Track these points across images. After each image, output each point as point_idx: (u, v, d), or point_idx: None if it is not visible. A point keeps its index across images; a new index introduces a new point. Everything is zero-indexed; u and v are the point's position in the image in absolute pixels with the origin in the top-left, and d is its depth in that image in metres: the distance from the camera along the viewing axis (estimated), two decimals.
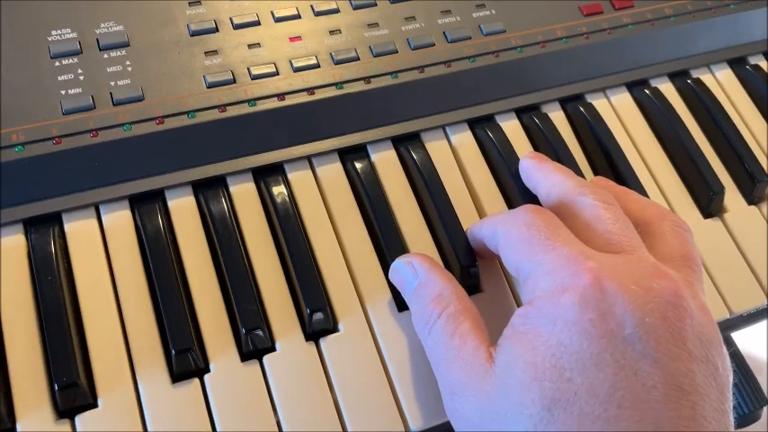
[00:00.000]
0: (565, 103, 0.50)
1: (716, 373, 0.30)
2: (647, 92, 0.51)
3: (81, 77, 0.42)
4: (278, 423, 0.36)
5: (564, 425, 0.28)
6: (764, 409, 0.48)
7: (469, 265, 0.41)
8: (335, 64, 0.46)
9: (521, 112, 0.49)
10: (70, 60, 0.43)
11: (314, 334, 0.39)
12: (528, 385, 0.30)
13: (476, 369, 0.32)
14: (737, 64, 0.55)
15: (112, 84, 0.43)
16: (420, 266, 0.38)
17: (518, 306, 0.41)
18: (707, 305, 0.33)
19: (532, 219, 0.35)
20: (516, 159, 0.46)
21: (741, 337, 0.47)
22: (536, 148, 0.48)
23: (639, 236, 0.36)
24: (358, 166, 0.44)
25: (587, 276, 0.31)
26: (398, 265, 0.39)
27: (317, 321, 0.39)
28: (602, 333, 0.29)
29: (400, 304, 0.40)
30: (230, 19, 0.46)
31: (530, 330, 0.31)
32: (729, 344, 0.52)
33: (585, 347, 0.29)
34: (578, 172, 0.46)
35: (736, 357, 0.51)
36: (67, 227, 0.40)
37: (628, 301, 0.30)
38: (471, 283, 0.42)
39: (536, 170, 0.42)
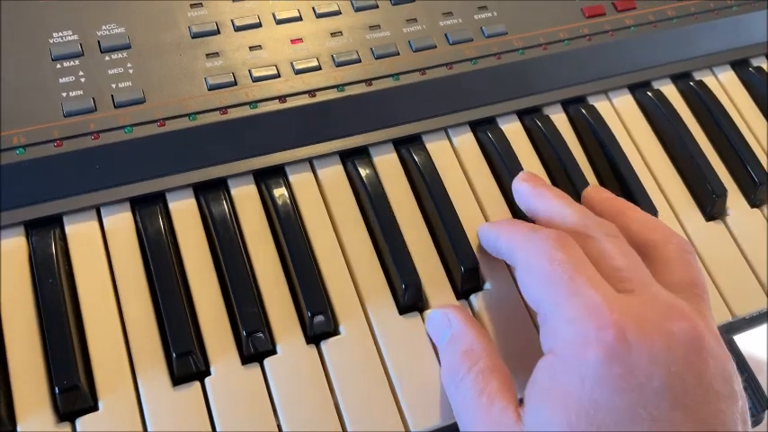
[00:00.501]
0: (567, 105, 0.50)
1: (737, 405, 0.31)
2: (649, 94, 0.51)
3: (82, 80, 0.42)
4: (279, 426, 0.36)
5: None
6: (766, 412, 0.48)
7: (471, 267, 0.41)
8: (337, 66, 0.46)
9: (522, 115, 0.49)
10: (71, 63, 0.43)
11: (315, 337, 0.39)
12: None
13: (503, 430, 0.32)
14: (740, 66, 0.55)
15: (113, 86, 0.43)
16: (454, 318, 0.38)
17: (523, 301, 0.41)
18: (718, 333, 0.33)
19: (555, 253, 0.34)
20: (517, 162, 0.46)
21: (741, 337, 0.47)
22: (538, 151, 0.47)
23: (644, 260, 0.36)
24: (359, 168, 0.44)
25: (612, 332, 0.30)
26: (434, 315, 0.39)
27: (318, 324, 0.39)
28: (632, 387, 0.29)
29: (401, 307, 0.40)
30: (231, 21, 0.46)
31: (558, 387, 0.31)
32: (733, 350, 0.51)
33: (618, 403, 0.29)
34: (580, 175, 0.46)
35: (740, 363, 0.51)
36: (68, 229, 0.40)
37: (652, 353, 0.30)
38: (474, 284, 0.42)
39: (533, 197, 0.41)
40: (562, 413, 0.30)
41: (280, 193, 0.42)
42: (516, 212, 0.44)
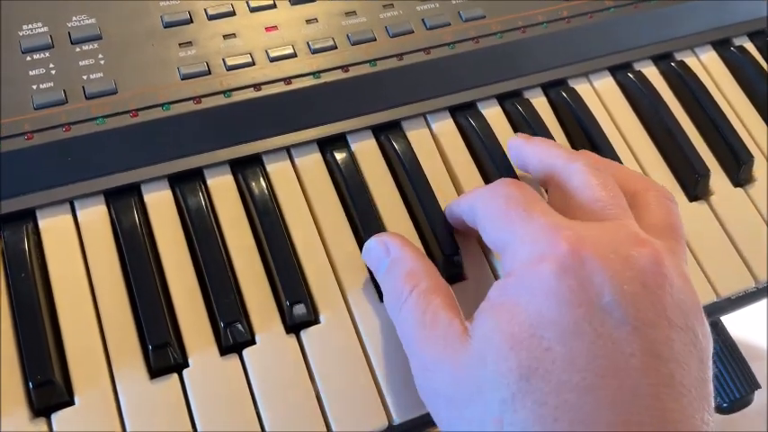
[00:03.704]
0: (547, 88, 0.50)
1: (695, 342, 0.30)
2: (630, 75, 0.50)
3: (53, 72, 0.42)
4: (259, 417, 0.36)
5: (542, 393, 0.28)
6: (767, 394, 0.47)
7: (452, 253, 0.41)
8: (312, 53, 0.46)
9: (503, 99, 0.48)
10: (41, 55, 0.42)
11: (294, 326, 0.38)
12: (505, 355, 0.29)
13: (450, 342, 0.32)
14: (722, 46, 0.54)
15: (85, 77, 0.42)
16: (392, 244, 0.37)
17: None
18: (688, 275, 0.33)
19: (509, 191, 0.35)
20: (498, 146, 0.45)
21: (740, 325, 0.47)
22: None
23: None
24: (337, 156, 0.44)
25: (565, 245, 0.30)
26: (371, 244, 0.39)
27: (298, 313, 0.38)
28: (581, 301, 0.29)
29: (382, 295, 0.40)
30: (205, 10, 0.46)
31: (507, 301, 0.31)
32: (720, 331, 0.51)
33: (563, 316, 0.29)
34: None
35: (727, 342, 0.51)
36: (42, 223, 0.39)
37: (606, 269, 0.30)
38: (455, 272, 0.41)
39: (526, 145, 0.41)
40: (506, 324, 0.30)
41: (257, 182, 0.42)
42: None
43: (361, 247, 0.41)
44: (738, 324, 0.53)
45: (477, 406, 0.30)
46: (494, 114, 0.47)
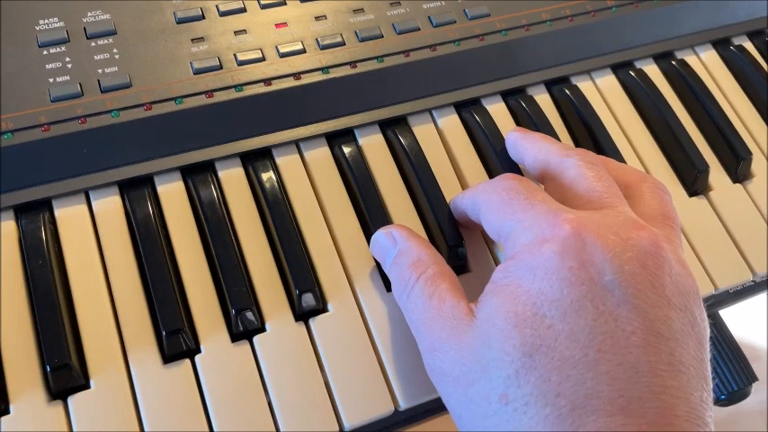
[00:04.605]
0: (550, 85, 0.51)
1: (694, 323, 0.31)
2: (632, 73, 0.51)
3: (69, 65, 0.43)
4: (269, 403, 0.37)
5: (545, 369, 0.29)
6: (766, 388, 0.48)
7: (457, 244, 0.42)
8: (321, 49, 0.47)
9: (506, 95, 0.49)
10: (58, 49, 0.43)
11: (303, 315, 0.39)
12: (509, 333, 0.30)
13: (456, 323, 0.33)
14: (722, 45, 0.55)
15: (100, 71, 0.43)
16: (399, 235, 0.38)
17: None
18: (686, 261, 0.34)
19: (510, 184, 0.36)
20: (502, 142, 0.46)
21: (740, 324, 0.48)
22: None
23: None
24: (345, 150, 0.45)
25: (566, 227, 0.31)
26: (378, 236, 0.40)
27: (307, 302, 0.39)
28: (582, 280, 0.30)
29: (388, 284, 0.41)
30: (216, 6, 0.47)
31: (511, 282, 0.32)
32: (718, 324, 0.52)
33: (566, 294, 0.30)
34: None
35: (725, 336, 0.52)
36: (58, 213, 0.40)
37: (606, 250, 0.31)
38: (459, 264, 0.42)
39: (523, 140, 0.42)
40: (510, 304, 0.31)
41: (267, 175, 0.43)
42: None
43: (368, 238, 0.42)
44: (738, 324, 0.53)
45: (482, 384, 0.31)
46: (498, 110, 0.48)
